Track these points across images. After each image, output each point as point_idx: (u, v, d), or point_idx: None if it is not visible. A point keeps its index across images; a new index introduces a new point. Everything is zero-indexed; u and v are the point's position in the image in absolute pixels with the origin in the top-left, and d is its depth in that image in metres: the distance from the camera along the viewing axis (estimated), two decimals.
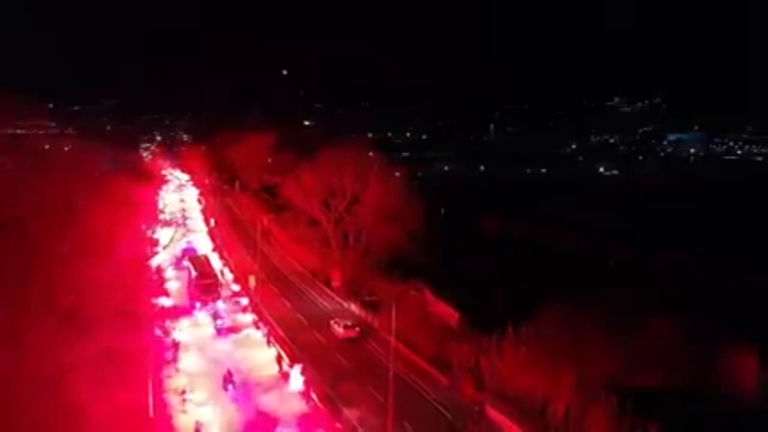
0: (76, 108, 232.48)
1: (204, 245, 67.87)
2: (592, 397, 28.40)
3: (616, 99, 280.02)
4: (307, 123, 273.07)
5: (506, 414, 30.60)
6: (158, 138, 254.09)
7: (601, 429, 26.85)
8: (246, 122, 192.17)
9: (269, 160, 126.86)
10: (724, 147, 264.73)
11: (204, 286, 48.35)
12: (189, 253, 60.35)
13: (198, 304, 46.88)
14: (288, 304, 50.85)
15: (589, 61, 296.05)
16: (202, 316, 45.53)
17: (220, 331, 41.82)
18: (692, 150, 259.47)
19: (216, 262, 60.52)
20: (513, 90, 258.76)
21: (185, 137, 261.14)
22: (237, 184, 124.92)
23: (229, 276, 56.66)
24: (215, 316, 44.47)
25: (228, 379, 32.69)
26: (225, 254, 66.04)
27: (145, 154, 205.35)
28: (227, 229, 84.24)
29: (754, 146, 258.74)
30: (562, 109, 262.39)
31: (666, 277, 46.06)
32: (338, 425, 28.67)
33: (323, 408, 31.34)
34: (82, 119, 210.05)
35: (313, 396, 32.43)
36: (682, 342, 33.94)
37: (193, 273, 50.70)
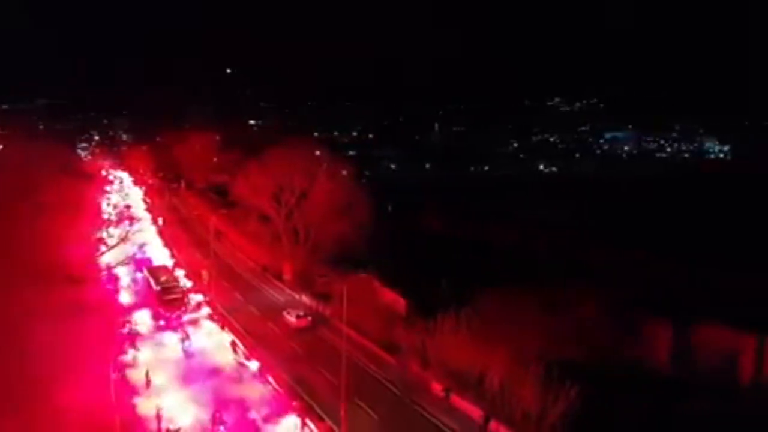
0: (5, 107, 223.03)
1: (157, 249, 66.67)
2: (524, 367, 31.46)
3: (557, 99, 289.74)
4: (252, 122, 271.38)
5: (447, 386, 33.48)
6: (96, 138, 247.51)
7: (530, 394, 29.89)
8: (191, 121, 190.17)
9: (215, 160, 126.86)
10: (655, 145, 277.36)
11: (169, 301, 45.92)
12: (144, 264, 57.12)
13: (162, 322, 43.68)
14: (240, 298, 52.33)
15: (531, 63, 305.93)
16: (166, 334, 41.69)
17: (189, 354, 38.29)
18: (626, 147, 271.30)
19: (168, 261, 61.12)
20: (457, 90, 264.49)
21: (125, 137, 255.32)
22: (183, 183, 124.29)
23: (181, 272, 57.39)
24: (183, 337, 40.45)
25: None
26: (175, 252, 66.62)
27: (83, 154, 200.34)
28: (175, 227, 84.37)
29: (681, 144, 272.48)
30: (504, 108, 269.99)
31: (596, 266, 49.99)
32: (295, 404, 30.66)
33: (280, 390, 33.30)
34: (11, 119, 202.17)
35: (270, 379, 34.36)
36: (605, 319, 37.64)
37: (155, 287, 47.91)
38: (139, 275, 55.84)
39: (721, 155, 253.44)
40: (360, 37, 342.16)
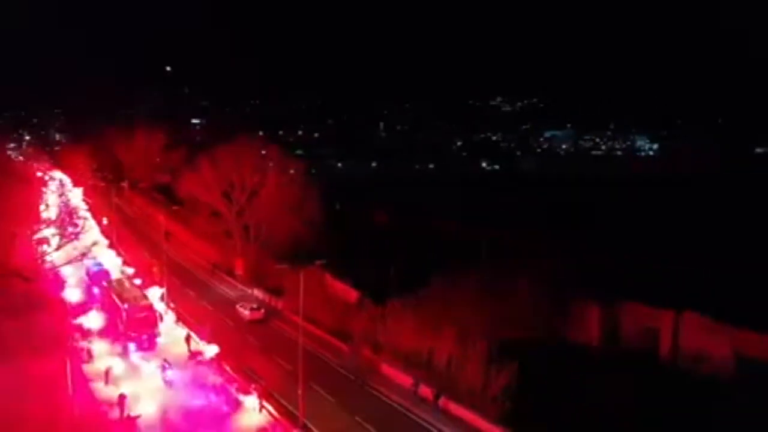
0: None
1: (103, 249, 65.25)
2: (469, 347, 33.95)
3: (499, 99, 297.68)
4: (194, 121, 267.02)
5: (398, 368, 35.71)
6: (27, 138, 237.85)
7: (474, 371, 32.41)
8: (131, 120, 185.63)
9: (158, 159, 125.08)
10: (591, 143, 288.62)
11: (139, 320, 39.48)
12: (100, 275, 52.17)
13: (134, 345, 38.37)
14: (192, 294, 52.92)
15: (473, 63, 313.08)
16: (135, 357, 37.36)
17: (171, 384, 33.14)
18: (564, 146, 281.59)
19: (115, 260, 60.70)
20: (402, 89, 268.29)
21: (58, 136, 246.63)
22: (126, 183, 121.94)
23: (130, 270, 57.25)
24: (162, 364, 34.61)
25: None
26: (122, 252, 66.17)
27: (13, 154, 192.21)
28: (120, 227, 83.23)
29: (615, 142, 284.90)
30: (448, 108, 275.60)
31: (529, 253, 53.25)
32: (254, 386, 32.03)
33: (237, 378, 34.55)
34: None
35: (227, 368, 35.54)
36: (541, 301, 40.69)
37: (121, 305, 40.85)
38: (96, 290, 50.02)
39: (651, 153, 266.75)
40: (301, 34, 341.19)
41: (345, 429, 30.06)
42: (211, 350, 36.32)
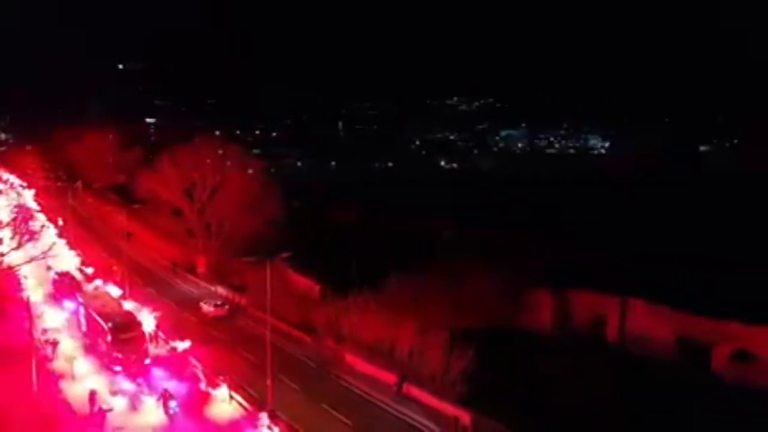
0: None
1: (61, 250, 63.34)
2: (430, 336, 35.48)
3: (455, 98, 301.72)
4: (150, 120, 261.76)
5: (362, 357, 36.97)
6: None
7: (435, 357, 33.97)
8: (83, 119, 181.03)
9: (113, 159, 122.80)
10: (546, 142, 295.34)
11: (126, 341, 34.73)
12: (63, 280, 49.30)
13: (119, 368, 34.18)
14: (154, 292, 52.79)
15: (430, 63, 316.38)
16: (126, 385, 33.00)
17: (174, 419, 29.36)
18: (520, 144, 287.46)
19: (74, 261, 59.87)
20: (360, 89, 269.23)
21: (4, 136, 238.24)
22: (80, 183, 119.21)
23: (90, 270, 56.65)
24: (163, 396, 30.23)
25: None
26: (81, 252, 65.25)
27: None
28: (77, 228, 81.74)
29: (568, 141, 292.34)
30: (406, 107, 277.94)
31: (487, 247, 55.33)
32: (222, 378, 32.74)
33: (206, 370, 35.12)
34: None
35: (193, 361, 36.07)
36: (498, 291, 42.61)
37: (105, 324, 35.79)
38: (69, 305, 45.37)
39: (603, 151, 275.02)
40: (259, 34, 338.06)
41: (311, 416, 31.08)
42: (182, 345, 36.71)
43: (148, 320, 40.61)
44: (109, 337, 35.08)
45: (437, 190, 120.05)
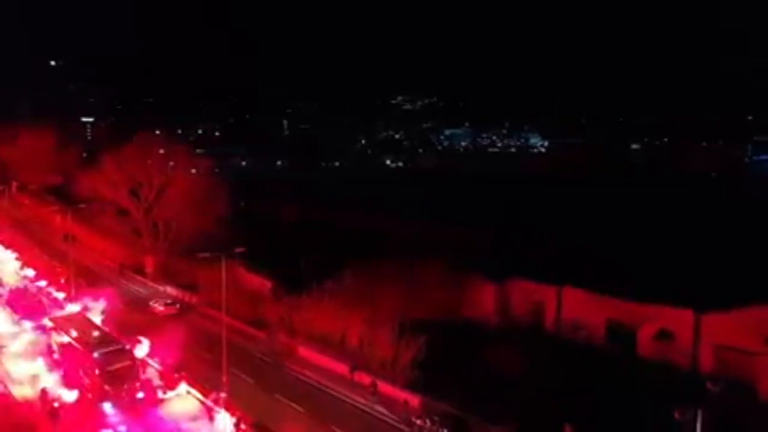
0: None
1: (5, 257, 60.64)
2: (379, 326, 37.12)
3: (400, 98, 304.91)
4: (85, 119, 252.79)
5: (314, 349, 38.29)
6: None
7: (385, 346, 35.65)
8: (14, 119, 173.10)
9: (48, 159, 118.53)
10: (488, 140, 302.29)
11: (117, 372, 31.30)
12: (18, 295, 46.09)
13: (109, 404, 30.54)
14: (101, 293, 52.16)
15: (375, 63, 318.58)
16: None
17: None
18: (463, 143, 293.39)
19: (14, 263, 58.27)
20: (304, 88, 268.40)
21: None
22: (14, 185, 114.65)
23: (31, 272, 55.42)
24: None
25: None
26: (20, 255, 63.53)
27: None
28: (12, 231, 79.17)
29: (510, 140, 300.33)
30: (351, 106, 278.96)
31: (432, 243, 57.36)
32: (179, 375, 33.33)
33: (161, 368, 35.55)
34: None
35: (150, 360, 36.41)
36: (443, 284, 44.60)
37: (90, 353, 32.05)
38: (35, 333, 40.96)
39: (542, 149, 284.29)
40: (203, 33, 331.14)
41: (265, 405, 32.16)
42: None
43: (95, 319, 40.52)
44: (97, 370, 30.82)
45: (383, 188, 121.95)
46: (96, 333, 34.98)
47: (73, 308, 42.96)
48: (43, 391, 29.95)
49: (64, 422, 28.73)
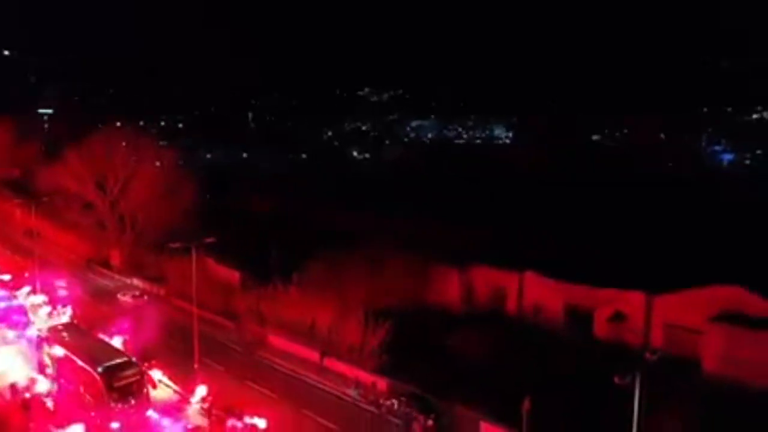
0: None
1: None
2: (348, 313, 38.22)
3: (366, 89, 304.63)
4: (42, 111, 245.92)
5: (284, 337, 39.19)
6: None
7: (353, 332, 36.81)
8: None
9: (4, 153, 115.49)
10: (454, 132, 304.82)
11: (124, 387, 28.63)
12: (9, 313, 41.79)
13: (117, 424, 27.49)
14: (67, 287, 51.80)
15: (339, 54, 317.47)
16: None
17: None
18: (429, 135, 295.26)
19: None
20: (269, 81, 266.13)
21: None
22: None
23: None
24: None
25: None
26: None
27: None
28: None
29: (475, 131, 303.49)
30: (317, 98, 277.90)
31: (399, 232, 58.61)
32: (147, 366, 33.75)
33: (133, 357, 35.79)
34: None
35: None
36: (410, 272, 45.97)
37: (93, 368, 29.17)
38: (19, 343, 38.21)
39: (507, 140, 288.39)
40: (159, 26, 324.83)
41: (237, 392, 32.88)
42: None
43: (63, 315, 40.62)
44: (101, 385, 28.19)
45: (350, 180, 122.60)
46: (97, 344, 32.45)
47: (35, 298, 42.46)
48: (12, 385, 30.11)
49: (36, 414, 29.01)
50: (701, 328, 35.91)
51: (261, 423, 27.25)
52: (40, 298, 43.72)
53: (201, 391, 30.36)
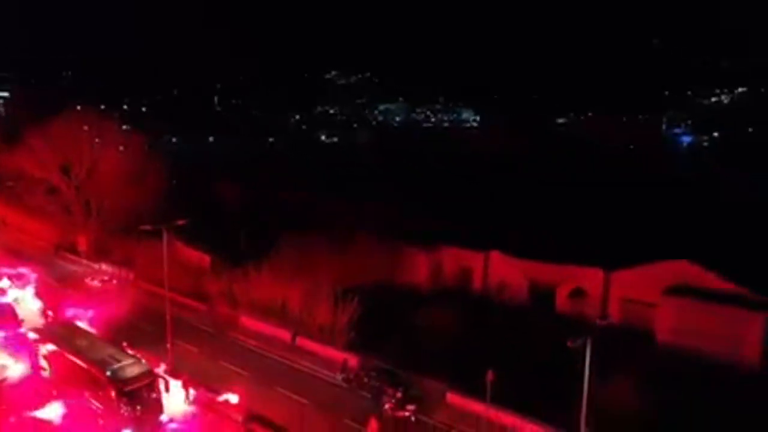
0: None
1: None
2: (318, 293, 39.01)
3: (333, 73, 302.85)
4: None
5: (255, 318, 39.83)
6: None
7: (323, 311, 37.65)
8: None
9: None
10: (423, 116, 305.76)
11: (134, 394, 26.52)
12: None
13: None
14: (34, 273, 51.32)
15: (306, 37, 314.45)
16: None
17: None
18: (398, 118, 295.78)
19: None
20: (235, 64, 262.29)
21: None
22: None
23: None
24: None
25: None
26: None
27: None
28: None
29: (444, 115, 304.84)
30: (284, 82, 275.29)
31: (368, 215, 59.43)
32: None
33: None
34: None
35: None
36: (379, 253, 46.90)
37: (103, 372, 26.84)
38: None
39: (475, 124, 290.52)
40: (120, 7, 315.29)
41: (210, 371, 33.55)
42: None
43: (31, 301, 40.47)
44: (110, 390, 26.22)
45: (318, 163, 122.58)
46: (102, 345, 30.07)
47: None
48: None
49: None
50: (655, 302, 37.82)
51: (233, 398, 27.94)
52: (4, 283, 43.21)
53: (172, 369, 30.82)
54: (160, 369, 30.53)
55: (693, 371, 31.92)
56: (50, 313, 40.21)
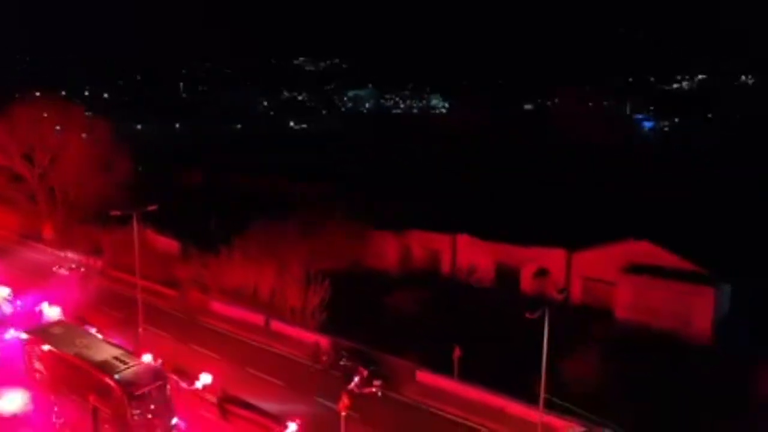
0: None
1: None
2: (288, 277, 39.57)
3: (302, 59, 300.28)
4: None
5: (227, 303, 40.23)
6: None
7: (294, 294, 38.27)
8: None
9: None
10: (392, 102, 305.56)
11: (143, 399, 24.90)
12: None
13: None
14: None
15: (274, 23, 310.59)
16: None
17: None
18: (367, 105, 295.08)
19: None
20: (200, 49, 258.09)
21: None
22: None
23: None
24: None
25: None
26: None
27: None
28: None
29: (413, 101, 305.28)
30: (251, 67, 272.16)
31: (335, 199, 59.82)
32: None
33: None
34: None
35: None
36: (348, 236, 47.53)
37: (109, 376, 25.17)
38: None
39: (444, 110, 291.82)
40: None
41: (182, 354, 33.82)
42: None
43: None
44: (119, 395, 24.57)
45: (288, 149, 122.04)
46: (106, 346, 28.23)
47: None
48: None
49: None
50: (614, 280, 39.42)
51: (207, 378, 28.43)
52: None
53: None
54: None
55: (648, 345, 33.55)
56: (19, 303, 39.82)
